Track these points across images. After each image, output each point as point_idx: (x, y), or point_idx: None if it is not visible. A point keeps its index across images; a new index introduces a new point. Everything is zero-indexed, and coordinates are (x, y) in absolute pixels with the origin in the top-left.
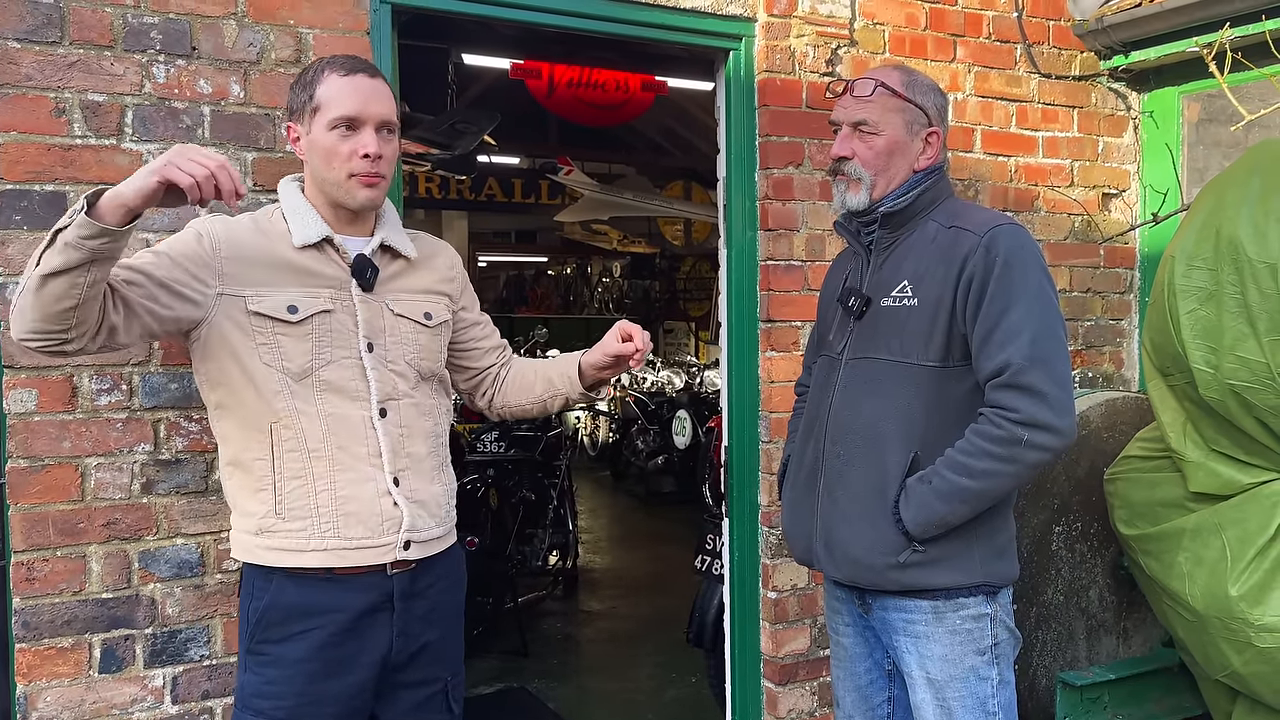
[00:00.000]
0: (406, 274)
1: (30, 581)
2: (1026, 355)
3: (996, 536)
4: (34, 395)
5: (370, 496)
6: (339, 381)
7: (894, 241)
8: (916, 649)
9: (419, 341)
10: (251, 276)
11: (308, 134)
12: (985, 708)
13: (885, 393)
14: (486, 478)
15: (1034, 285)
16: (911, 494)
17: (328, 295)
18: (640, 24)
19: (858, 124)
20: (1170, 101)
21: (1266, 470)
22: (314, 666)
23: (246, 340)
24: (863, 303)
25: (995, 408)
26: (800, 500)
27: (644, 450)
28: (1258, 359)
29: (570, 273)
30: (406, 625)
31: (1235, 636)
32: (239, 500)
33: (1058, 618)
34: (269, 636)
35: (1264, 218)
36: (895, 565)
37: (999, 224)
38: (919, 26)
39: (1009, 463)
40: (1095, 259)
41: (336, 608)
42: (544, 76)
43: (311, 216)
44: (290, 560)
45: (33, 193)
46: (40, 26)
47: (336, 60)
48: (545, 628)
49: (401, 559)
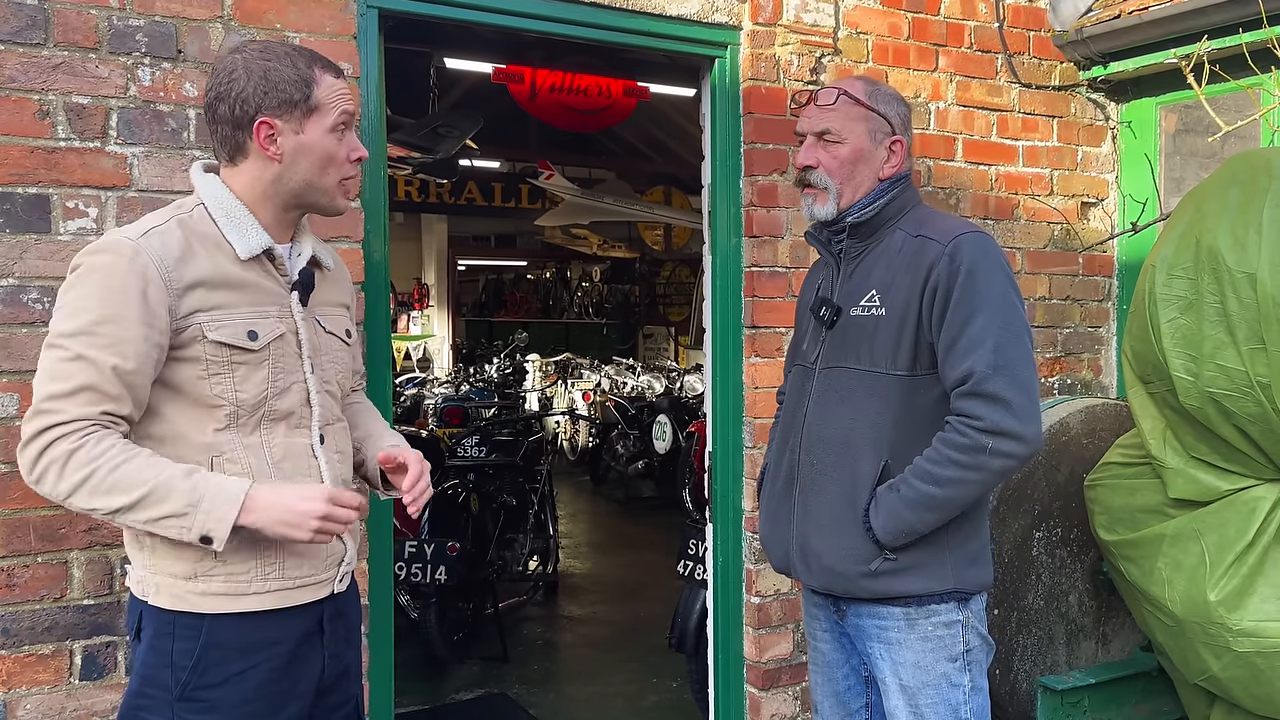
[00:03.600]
0: (324, 287)
1: (11, 588)
2: (990, 363)
3: (969, 543)
4: (15, 400)
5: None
6: (288, 409)
7: (863, 251)
8: (890, 655)
9: (342, 360)
10: (204, 300)
11: (297, 135)
12: (958, 714)
13: (856, 402)
14: (467, 483)
15: (997, 293)
16: (881, 502)
17: (275, 315)
18: (626, 31)
19: (821, 133)
20: (1148, 112)
21: (1245, 477)
22: (258, 705)
23: (195, 369)
24: (833, 312)
25: (960, 416)
26: (777, 510)
27: (624, 455)
28: (1237, 367)
29: (550, 277)
30: (335, 647)
31: (1214, 641)
32: (160, 541)
33: (1038, 622)
34: (206, 681)
35: (1243, 228)
36: (867, 574)
37: (963, 232)
38: (901, 36)
39: (974, 470)
40: (1074, 267)
41: (277, 640)
42: (526, 81)
43: (249, 223)
44: (228, 605)
45: (15, 195)
46: (24, 28)
47: (317, 58)
48: (526, 633)
49: (339, 590)
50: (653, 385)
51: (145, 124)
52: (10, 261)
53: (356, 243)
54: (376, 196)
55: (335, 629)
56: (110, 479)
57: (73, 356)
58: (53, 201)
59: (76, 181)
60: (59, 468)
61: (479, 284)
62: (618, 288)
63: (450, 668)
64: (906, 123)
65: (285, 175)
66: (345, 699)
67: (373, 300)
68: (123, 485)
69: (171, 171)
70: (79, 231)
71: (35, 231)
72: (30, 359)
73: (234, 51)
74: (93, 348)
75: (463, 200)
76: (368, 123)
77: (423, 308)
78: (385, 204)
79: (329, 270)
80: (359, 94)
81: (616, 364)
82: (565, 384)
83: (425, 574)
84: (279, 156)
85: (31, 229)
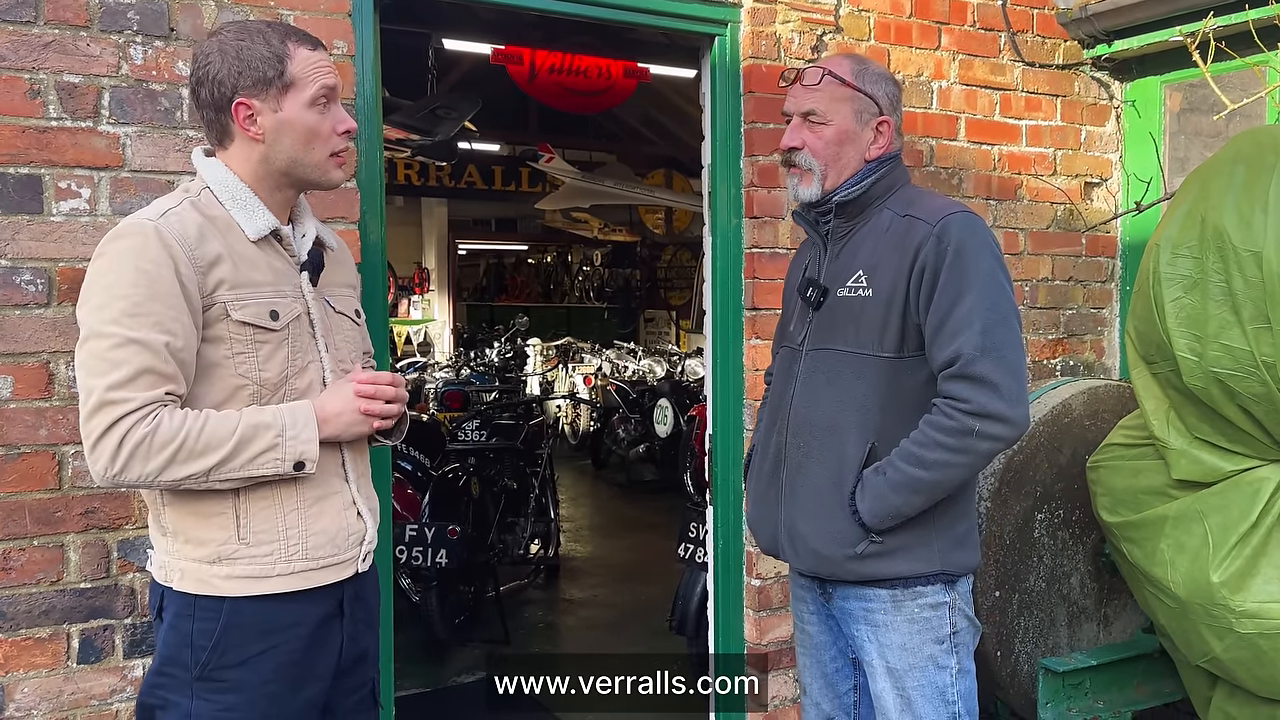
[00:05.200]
0: (331, 268)
1: (7, 571)
2: (978, 345)
3: (956, 526)
4: (9, 382)
5: (337, 511)
6: (307, 389)
7: (850, 231)
8: (876, 638)
9: (353, 340)
10: (225, 279)
11: (276, 112)
12: (944, 696)
13: (843, 384)
14: (468, 466)
15: (985, 274)
16: (867, 485)
17: (290, 295)
18: (626, 8)
19: (806, 114)
20: (1152, 91)
21: (1249, 458)
22: (277, 686)
23: (220, 349)
24: (820, 293)
25: (947, 398)
26: (765, 492)
27: (625, 439)
28: (1242, 346)
29: (551, 261)
30: (354, 630)
31: (1216, 623)
32: (185, 527)
33: (1040, 604)
34: (226, 661)
35: (1249, 205)
36: (854, 556)
37: (951, 212)
38: (904, 13)
39: (961, 453)
40: (1077, 248)
41: (297, 622)
42: (525, 62)
43: (255, 204)
44: (252, 588)
45: (7, 175)
46: (14, 6)
47: (291, 32)
48: (527, 616)
49: (361, 570)
50: (654, 369)
51: (138, 103)
52: (3, 243)
53: (353, 224)
54: (373, 177)
55: (355, 611)
56: (200, 442)
57: (122, 341)
58: (45, 182)
59: (69, 162)
60: (145, 450)
61: (479, 268)
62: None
63: (451, 651)
64: (896, 102)
65: (270, 154)
66: (362, 681)
67: (370, 282)
68: (214, 443)
69: (165, 151)
70: (72, 212)
71: (28, 212)
72: (24, 340)
73: (213, 34)
74: (141, 329)
75: (463, 184)
76: (363, 102)
77: (423, 292)
78: (382, 185)
79: (333, 251)
80: (352, 71)
81: (618, 348)
82: (566, 368)
83: (426, 557)
84: (261, 136)
85: (24, 210)
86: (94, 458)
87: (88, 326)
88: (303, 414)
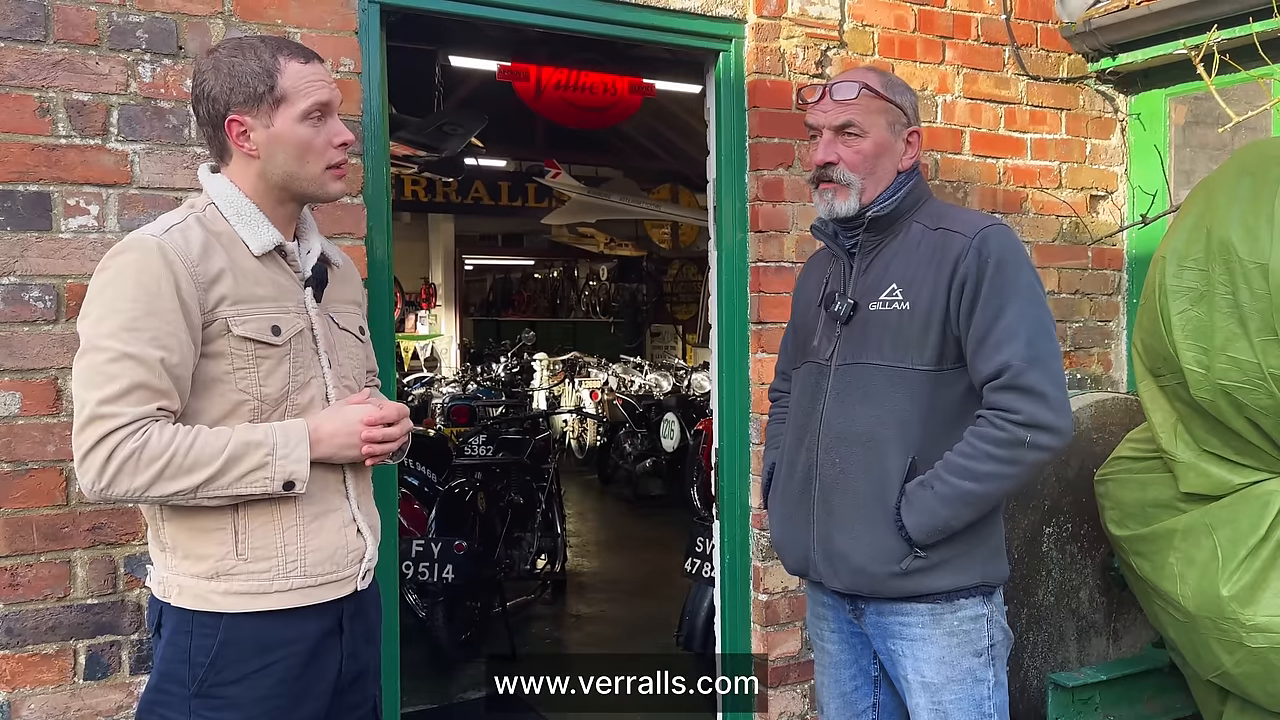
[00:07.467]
0: (335, 284)
1: (14, 587)
2: (1024, 356)
3: (993, 537)
4: (17, 398)
5: (336, 528)
6: (309, 405)
7: (879, 244)
8: (912, 652)
9: (357, 357)
10: (228, 295)
11: (268, 128)
12: (981, 709)
13: (879, 398)
14: (474, 481)
15: (1025, 285)
16: (913, 499)
17: (293, 310)
18: (630, 25)
19: (842, 127)
20: (1157, 104)
21: (1257, 470)
22: (275, 703)
23: (220, 365)
24: (850, 307)
25: (996, 410)
26: (793, 512)
27: (632, 453)
28: (1249, 359)
29: (557, 276)
30: (354, 647)
31: (1226, 637)
32: (183, 542)
33: (1049, 619)
34: (223, 678)
35: (1254, 218)
36: (898, 573)
37: (988, 225)
38: (908, 28)
39: (1012, 464)
40: (1083, 261)
41: (296, 638)
42: (532, 79)
43: (260, 219)
44: (250, 604)
45: (16, 193)
46: (24, 25)
47: (284, 46)
48: (534, 631)
49: (361, 588)
50: (660, 383)
51: (146, 121)
52: (11, 260)
53: (359, 240)
54: (380, 193)
55: (355, 628)
56: (189, 459)
57: (117, 356)
58: (53, 199)
59: (77, 179)
60: (133, 465)
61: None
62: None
63: (458, 667)
64: (917, 112)
65: (266, 169)
66: (363, 699)
67: (376, 298)
68: (202, 460)
69: (173, 168)
70: (80, 229)
71: (36, 229)
72: (32, 357)
73: (210, 52)
74: (136, 344)
75: (470, 200)
76: (370, 119)
77: (430, 307)
78: (388, 201)
79: (338, 268)
80: (359, 88)
81: (624, 362)
82: (573, 382)
83: (432, 573)
84: (255, 152)
85: (32, 227)
86: (83, 471)
87: (86, 339)
88: (295, 433)
